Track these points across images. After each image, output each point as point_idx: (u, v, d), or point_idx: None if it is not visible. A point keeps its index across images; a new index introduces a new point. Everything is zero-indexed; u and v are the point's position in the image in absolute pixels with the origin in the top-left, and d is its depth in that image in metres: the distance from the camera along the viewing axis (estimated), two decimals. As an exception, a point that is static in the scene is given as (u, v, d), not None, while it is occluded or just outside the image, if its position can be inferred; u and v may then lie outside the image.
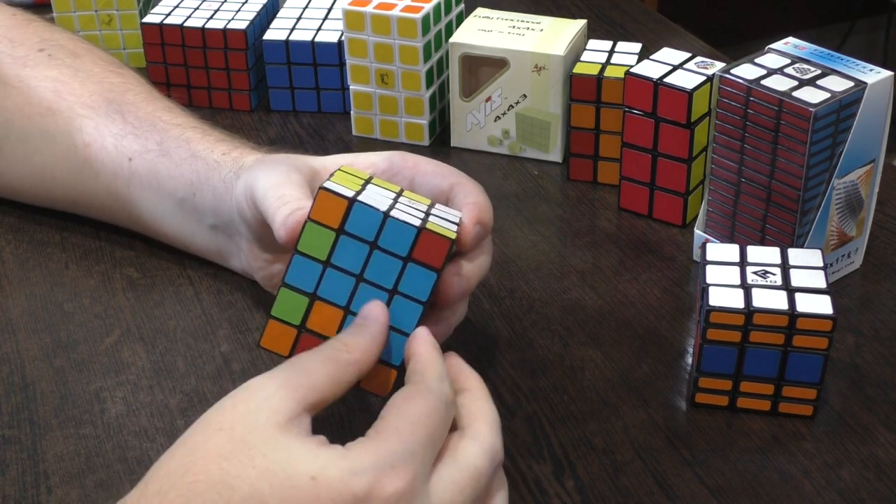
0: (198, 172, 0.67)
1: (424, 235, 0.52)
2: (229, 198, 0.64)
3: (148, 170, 0.68)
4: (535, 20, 0.84)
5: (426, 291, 0.52)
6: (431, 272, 0.52)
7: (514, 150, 0.85)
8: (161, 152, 0.68)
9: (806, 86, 0.64)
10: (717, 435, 0.58)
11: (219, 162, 0.66)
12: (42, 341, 0.66)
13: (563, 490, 0.55)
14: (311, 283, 0.53)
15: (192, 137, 0.69)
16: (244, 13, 0.91)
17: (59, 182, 0.72)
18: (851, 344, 0.65)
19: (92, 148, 0.70)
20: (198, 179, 0.66)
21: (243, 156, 0.66)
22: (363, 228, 0.52)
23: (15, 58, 0.74)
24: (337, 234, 0.52)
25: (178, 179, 0.67)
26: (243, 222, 0.63)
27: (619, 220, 0.77)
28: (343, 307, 0.53)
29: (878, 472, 0.56)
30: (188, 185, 0.67)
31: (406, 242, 0.52)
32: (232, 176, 0.65)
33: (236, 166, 0.65)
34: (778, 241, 0.67)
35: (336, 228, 0.52)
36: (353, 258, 0.52)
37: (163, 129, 0.69)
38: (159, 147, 0.68)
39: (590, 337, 0.66)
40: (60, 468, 0.57)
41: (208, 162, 0.66)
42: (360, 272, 0.52)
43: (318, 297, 0.53)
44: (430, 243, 0.52)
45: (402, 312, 0.52)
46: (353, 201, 0.52)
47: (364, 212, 0.52)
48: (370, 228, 0.52)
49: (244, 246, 0.65)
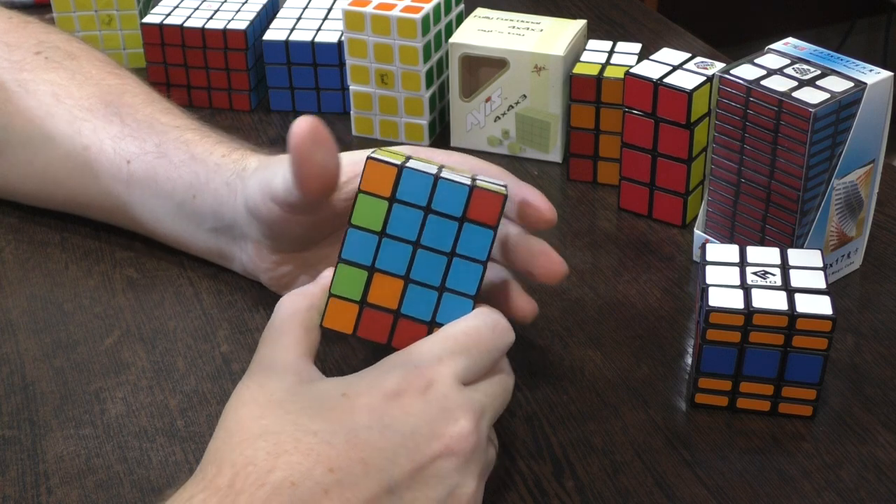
0: (197, 175, 0.66)
1: (477, 193, 0.51)
2: (233, 201, 0.64)
3: (146, 172, 0.68)
4: (534, 20, 0.84)
5: (485, 251, 0.52)
6: (488, 230, 0.52)
7: (514, 151, 0.85)
8: (159, 154, 0.68)
9: (806, 86, 0.64)
10: (717, 435, 0.58)
11: (219, 164, 0.66)
12: (42, 341, 0.66)
13: (562, 490, 0.55)
14: (369, 256, 0.52)
15: (191, 139, 0.68)
16: (244, 13, 0.91)
17: (60, 185, 0.72)
18: (851, 344, 0.65)
19: (91, 150, 0.70)
20: (197, 182, 0.66)
21: (244, 158, 0.66)
22: (415, 194, 0.52)
23: (12, 62, 0.73)
24: (390, 202, 0.52)
25: (177, 182, 0.67)
26: (254, 223, 0.62)
27: (619, 221, 0.77)
28: (403, 276, 0.52)
29: (877, 473, 0.56)
30: (187, 187, 0.67)
31: (459, 203, 0.51)
32: (236, 179, 0.64)
33: (238, 168, 0.65)
34: (778, 241, 0.67)
35: (388, 197, 0.52)
36: (408, 225, 0.52)
37: (161, 131, 0.69)
38: (157, 149, 0.68)
39: (590, 337, 0.66)
40: (60, 468, 0.57)
41: (208, 164, 0.66)
42: (416, 239, 0.52)
43: (377, 269, 0.52)
44: (483, 201, 0.51)
45: (463, 274, 0.52)
46: (401, 168, 0.52)
47: (414, 177, 0.51)
48: (422, 193, 0.52)
49: (250, 248, 0.65)
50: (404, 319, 0.53)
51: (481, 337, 0.51)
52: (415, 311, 0.52)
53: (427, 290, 0.52)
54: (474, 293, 0.52)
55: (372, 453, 0.46)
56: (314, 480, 0.44)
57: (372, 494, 0.45)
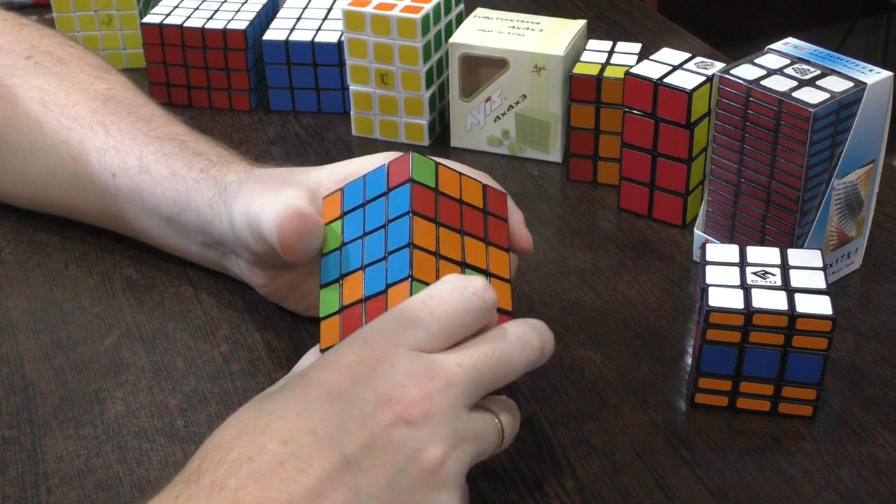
0: (178, 192, 0.66)
1: (391, 165, 0.55)
2: (218, 221, 0.63)
3: (131, 188, 0.68)
4: (534, 20, 0.84)
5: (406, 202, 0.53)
6: (405, 186, 0.53)
7: (514, 151, 0.85)
8: (141, 169, 0.67)
9: (806, 86, 0.64)
10: (717, 435, 0.58)
11: (198, 181, 0.65)
12: (42, 342, 0.66)
13: (562, 490, 0.55)
14: (337, 270, 0.55)
15: (171, 152, 0.67)
16: (244, 13, 0.91)
17: (51, 193, 0.72)
18: (851, 344, 0.65)
19: (78, 162, 0.69)
20: (179, 199, 0.66)
21: (222, 174, 0.64)
22: (354, 199, 0.56)
23: (3, 67, 0.73)
24: (341, 217, 0.56)
25: (161, 198, 0.67)
26: (246, 249, 0.62)
27: (619, 221, 0.77)
28: (360, 267, 0.54)
29: (877, 473, 0.56)
30: (171, 203, 0.66)
31: (381, 181, 0.55)
32: (218, 200, 0.63)
33: (219, 188, 0.64)
34: (778, 241, 0.67)
35: (339, 215, 0.56)
36: (355, 225, 0.55)
37: (143, 142, 0.68)
38: (140, 163, 0.68)
39: (590, 337, 0.66)
40: (60, 469, 0.57)
41: (187, 181, 0.65)
42: (362, 231, 0.55)
43: (343, 275, 0.55)
44: (397, 167, 0.54)
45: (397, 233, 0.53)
46: (343, 187, 0.57)
47: (352, 186, 0.57)
48: (357, 194, 0.56)
49: (242, 264, 0.65)
50: (370, 301, 0.53)
51: (444, 300, 0.50)
52: (373, 288, 0.53)
53: (378, 265, 0.53)
54: (407, 242, 0.52)
55: (321, 423, 0.46)
56: (270, 454, 0.45)
57: (330, 466, 0.45)
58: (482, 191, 0.57)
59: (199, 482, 0.44)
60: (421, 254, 0.52)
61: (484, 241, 0.55)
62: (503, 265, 0.55)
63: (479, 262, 0.54)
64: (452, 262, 0.53)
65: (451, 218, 0.54)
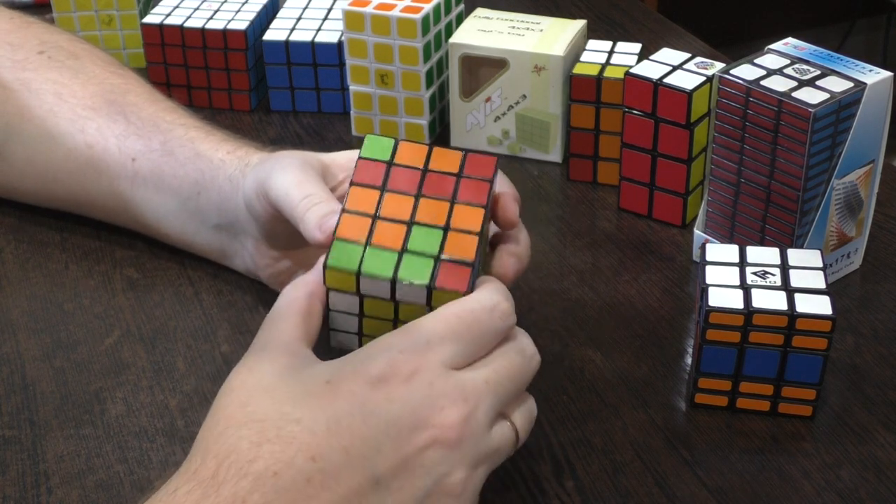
0: (202, 172, 0.67)
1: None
2: (235, 196, 0.64)
3: (152, 169, 0.68)
4: (534, 20, 0.84)
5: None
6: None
7: (514, 151, 0.85)
8: (165, 152, 0.68)
9: (805, 86, 0.64)
10: (717, 435, 0.58)
11: (224, 160, 0.66)
12: (42, 341, 0.66)
13: (562, 490, 0.55)
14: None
15: (196, 137, 0.69)
16: (244, 13, 0.91)
17: (60, 183, 0.72)
18: (851, 344, 0.65)
19: (95, 149, 0.70)
20: (203, 178, 0.67)
21: (248, 154, 0.66)
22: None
23: (15, 61, 0.74)
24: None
25: (183, 179, 0.67)
26: (252, 219, 0.63)
27: (619, 221, 0.77)
28: None
29: (877, 473, 0.56)
30: (193, 184, 0.67)
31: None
32: (238, 174, 0.65)
33: (242, 164, 0.65)
34: (777, 241, 0.67)
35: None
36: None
37: (166, 129, 0.69)
38: (163, 147, 0.69)
39: (590, 337, 0.66)
40: (60, 468, 0.57)
41: (213, 161, 0.67)
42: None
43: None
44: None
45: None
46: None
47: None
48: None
49: (250, 244, 0.65)
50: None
51: (476, 320, 0.49)
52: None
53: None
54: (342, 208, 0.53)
55: (354, 441, 0.45)
56: (296, 469, 0.44)
57: (357, 485, 0.45)
58: (462, 158, 0.57)
59: (219, 492, 0.43)
60: (350, 216, 0.53)
61: (449, 200, 0.55)
62: (473, 219, 0.55)
63: (434, 220, 0.54)
64: (393, 221, 0.53)
65: (406, 184, 0.55)
